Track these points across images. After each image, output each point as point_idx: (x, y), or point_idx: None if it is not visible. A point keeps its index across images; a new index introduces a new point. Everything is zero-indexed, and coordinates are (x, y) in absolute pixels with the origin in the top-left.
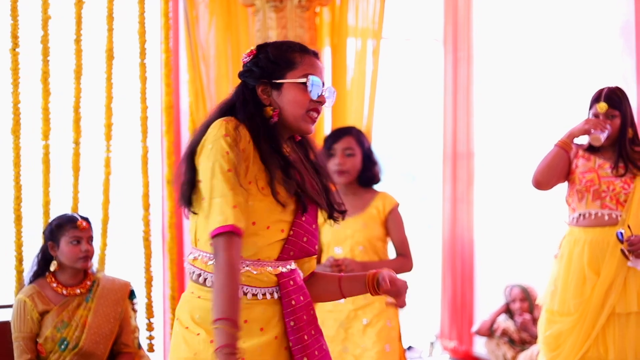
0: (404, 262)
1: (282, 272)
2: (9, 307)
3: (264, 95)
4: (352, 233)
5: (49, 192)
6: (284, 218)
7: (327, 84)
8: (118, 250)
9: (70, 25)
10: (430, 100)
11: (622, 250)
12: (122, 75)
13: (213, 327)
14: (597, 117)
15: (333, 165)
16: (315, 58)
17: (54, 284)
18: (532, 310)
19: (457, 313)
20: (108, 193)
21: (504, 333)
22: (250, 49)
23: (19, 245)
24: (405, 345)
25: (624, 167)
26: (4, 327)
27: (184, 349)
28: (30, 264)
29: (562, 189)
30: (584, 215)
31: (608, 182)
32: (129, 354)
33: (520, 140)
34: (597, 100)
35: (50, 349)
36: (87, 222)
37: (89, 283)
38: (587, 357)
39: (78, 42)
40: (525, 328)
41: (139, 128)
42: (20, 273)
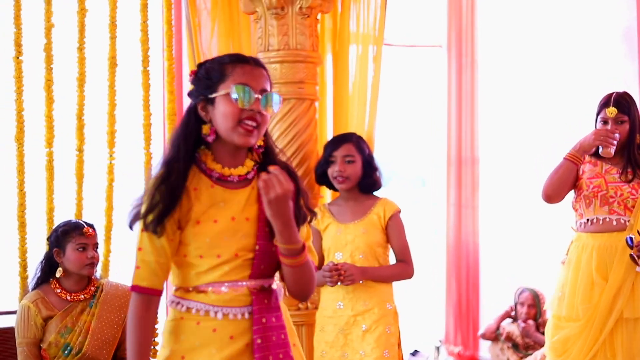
0: (405, 268)
1: (256, 291)
2: (14, 313)
3: (203, 112)
4: (352, 239)
5: (53, 199)
6: (247, 240)
7: (271, 91)
8: (121, 257)
9: (73, 34)
10: (435, 106)
11: (631, 256)
12: (125, 83)
13: None
14: (606, 121)
15: (333, 172)
16: (252, 66)
17: (58, 290)
18: (538, 318)
19: (462, 318)
20: (111, 199)
21: (508, 337)
22: (192, 70)
23: (23, 252)
24: (411, 350)
25: (632, 172)
26: (9, 332)
27: None
28: (34, 270)
29: (568, 195)
30: (592, 221)
31: (616, 187)
32: None
33: (525, 145)
34: (605, 105)
35: (54, 355)
36: (92, 229)
37: (93, 289)
38: None
39: (81, 50)
40: (527, 334)
41: (142, 135)
42: (25, 279)
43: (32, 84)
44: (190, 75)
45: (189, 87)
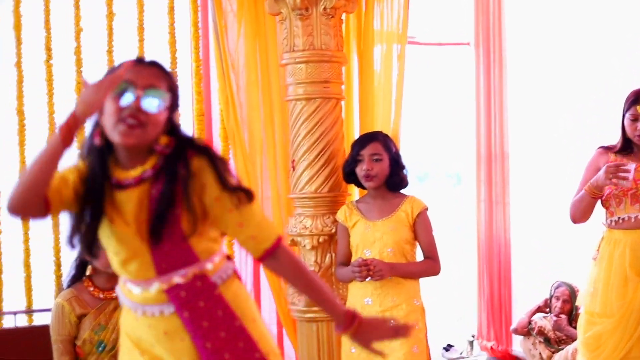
0: (432, 265)
1: (167, 288)
2: (49, 310)
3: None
4: (380, 236)
5: None
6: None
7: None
8: None
9: (102, 37)
10: (464, 104)
11: None
12: None
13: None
14: (636, 118)
15: (361, 171)
16: (142, 65)
17: (91, 288)
18: (572, 313)
19: (494, 313)
20: None
21: (540, 332)
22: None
23: (57, 251)
24: (444, 345)
25: None
26: (45, 330)
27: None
28: (69, 269)
29: None
30: (623, 219)
31: None
32: None
33: (555, 141)
34: (634, 102)
35: (89, 351)
36: None
37: None
38: (629, 357)
39: (110, 52)
40: (559, 328)
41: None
42: (59, 277)
43: (62, 87)
44: None
45: (217, 88)
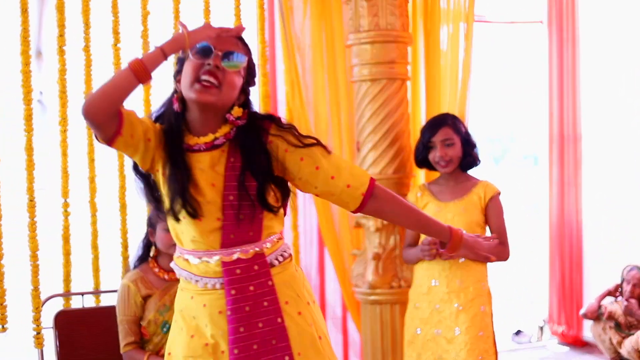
0: (502, 250)
1: (226, 261)
2: (116, 291)
3: (178, 84)
4: (452, 217)
5: None
6: (212, 207)
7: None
8: None
9: (169, 20)
10: (537, 83)
11: None
12: None
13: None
14: None
15: (435, 157)
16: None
17: (156, 269)
18: None
19: (565, 297)
20: None
21: (610, 316)
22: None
23: (124, 232)
24: (514, 330)
25: None
26: (112, 311)
27: (171, 340)
28: (136, 250)
29: None
30: None
31: None
32: None
33: (628, 122)
34: None
35: (153, 332)
36: None
37: None
38: None
39: None
40: (630, 313)
41: None
42: (126, 259)
43: None
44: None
45: (282, 69)
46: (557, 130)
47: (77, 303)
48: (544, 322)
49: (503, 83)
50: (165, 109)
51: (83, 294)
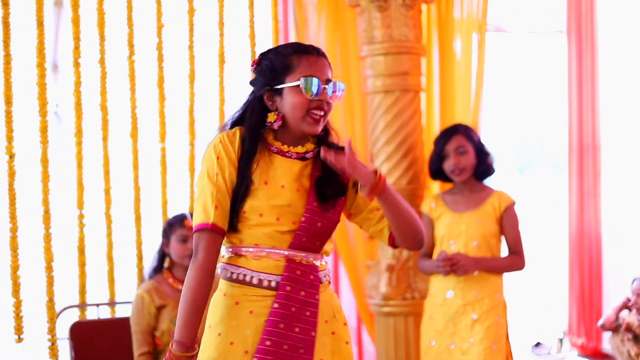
0: (516, 260)
1: (291, 259)
2: (131, 302)
3: (269, 102)
4: (466, 228)
5: (167, 192)
6: (293, 210)
7: (334, 80)
8: None
9: (184, 32)
10: (556, 93)
11: None
12: (234, 79)
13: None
14: None
15: (448, 166)
16: (315, 56)
17: (170, 280)
18: None
19: (585, 309)
20: None
21: (628, 328)
22: (255, 59)
23: (139, 244)
24: (534, 342)
25: None
26: (127, 322)
27: (206, 349)
28: (151, 261)
29: None
30: None
31: None
32: None
33: None
34: None
35: (167, 342)
36: None
37: None
38: None
39: (191, 48)
40: None
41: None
42: (141, 270)
43: (144, 82)
44: (253, 65)
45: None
46: (576, 140)
47: (92, 314)
48: (564, 334)
49: (524, 93)
50: (252, 121)
51: (98, 305)
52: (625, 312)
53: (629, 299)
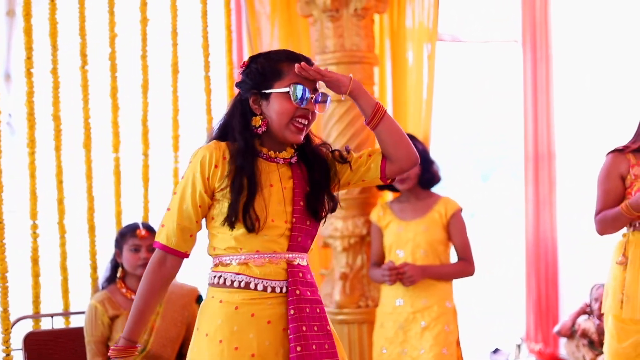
0: (465, 266)
1: (292, 264)
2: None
3: (255, 106)
4: (413, 236)
5: (121, 202)
6: (283, 208)
7: (320, 90)
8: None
9: (137, 42)
10: (512, 102)
11: None
12: (187, 89)
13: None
14: None
15: None
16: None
17: (124, 290)
18: None
19: (542, 315)
20: None
21: (584, 334)
22: (244, 61)
23: (93, 254)
24: (492, 348)
25: None
26: (82, 332)
27: (209, 358)
28: (104, 271)
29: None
30: None
31: None
32: None
33: (602, 140)
34: None
35: None
36: (147, 230)
37: None
38: None
39: (144, 58)
40: (603, 331)
41: (205, 139)
42: (95, 280)
43: (97, 92)
44: (241, 67)
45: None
46: (532, 149)
47: (46, 324)
48: (521, 340)
49: (481, 102)
50: (239, 128)
51: (52, 316)
52: (582, 318)
53: (587, 305)
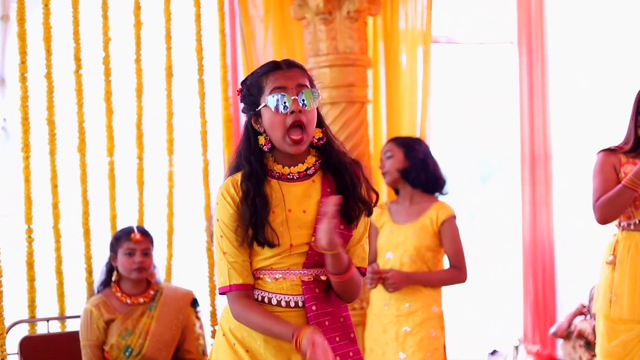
0: (455, 274)
1: (306, 280)
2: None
3: (257, 125)
4: (403, 240)
5: (115, 206)
6: (303, 232)
7: (311, 87)
8: (183, 261)
9: (130, 46)
10: (507, 103)
11: None
12: (181, 92)
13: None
14: None
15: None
16: (283, 70)
17: (119, 294)
18: None
19: (539, 317)
20: (172, 205)
21: (580, 335)
22: (238, 88)
23: (88, 258)
24: (490, 350)
25: None
26: (77, 336)
27: (224, 356)
28: (99, 275)
29: None
30: None
31: None
32: None
33: (598, 141)
34: None
35: (116, 356)
36: (142, 234)
37: (152, 292)
38: None
39: (138, 61)
40: None
41: (199, 142)
42: (90, 284)
43: (92, 96)
44: (238, 94)
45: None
46: (528, 150)
47: (42, 329)
48: (519, 341)
49: (477, 103)
50: (245, 154)
51: (48, 320)
52: (578, 319)
53: (584, 306)
